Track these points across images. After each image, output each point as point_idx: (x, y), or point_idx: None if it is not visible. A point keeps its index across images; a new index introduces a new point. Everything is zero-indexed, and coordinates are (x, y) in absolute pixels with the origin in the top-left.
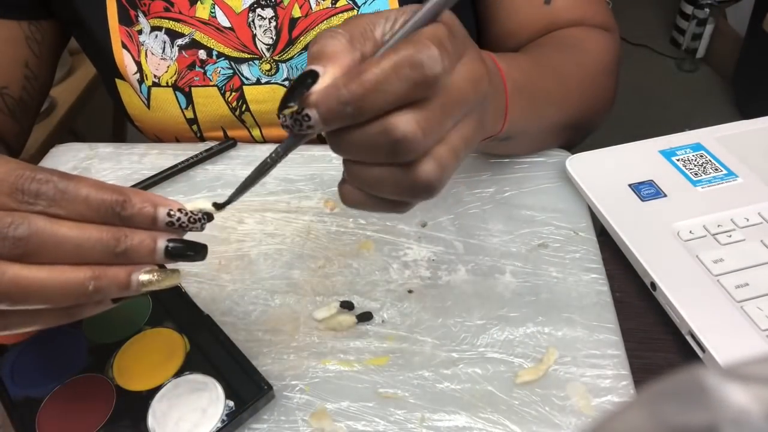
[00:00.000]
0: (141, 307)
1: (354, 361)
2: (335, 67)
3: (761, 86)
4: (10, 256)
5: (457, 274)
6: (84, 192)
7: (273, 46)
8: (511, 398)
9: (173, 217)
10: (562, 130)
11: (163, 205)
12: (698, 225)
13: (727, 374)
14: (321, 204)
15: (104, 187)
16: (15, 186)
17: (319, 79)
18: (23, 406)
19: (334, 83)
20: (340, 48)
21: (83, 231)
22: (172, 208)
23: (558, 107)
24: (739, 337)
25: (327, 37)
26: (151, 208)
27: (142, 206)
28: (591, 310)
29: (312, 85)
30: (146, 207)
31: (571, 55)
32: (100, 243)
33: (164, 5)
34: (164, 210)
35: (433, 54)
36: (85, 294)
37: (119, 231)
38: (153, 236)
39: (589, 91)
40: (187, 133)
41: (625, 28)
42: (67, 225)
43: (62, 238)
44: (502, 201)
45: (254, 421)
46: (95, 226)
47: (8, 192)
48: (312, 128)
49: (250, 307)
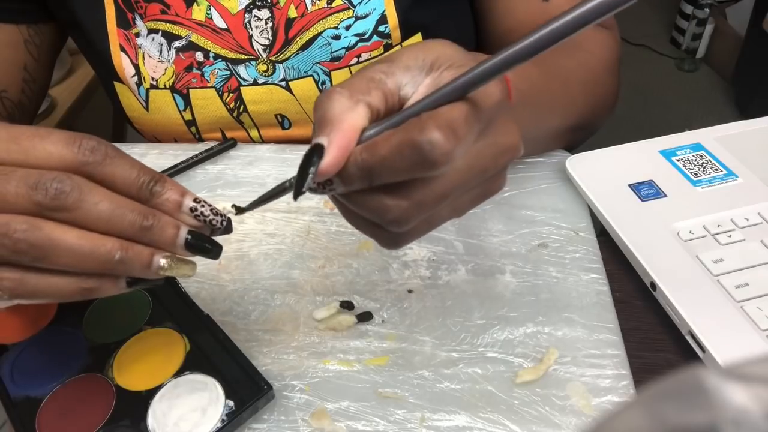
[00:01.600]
0: (141, 307)
1: (354, 360)
2: (338, 133)
3: (761, 86)
4: (48, 206)
5: (457, 274)
6: (129, 161)
7: (269, 47)
8: (511, 398)
9: (198, 203)
10: (567, 132)
11: (190, 194)
12: (698, 225)
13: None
14: (321, 204)
15: (144, 167)
16: (69, 141)
17: (325, 154)
18: (23, 406)
19: (351, 153)
20: (340, 109)
21: (116, 199)
22: (198, 198)
23: (562, 112)
24: (739, 337)
25: (327, 100)
26: (178, 195)
27: (173, 187)
28: (591, 310)
29: (319, 162)
30: (176, 189)
31: (575, 56)
32: (131, 214)
33: (161, 8)
34: (190, 198)
35: (434, 139)
36: (110, 262)
37: (149, 210)
38: (177, 224)
39: (593, 92)
40: (186, 135)
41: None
42: (104, 190)
43: (100, 198)
44: (502, 201)
45: (254, 421)
46: (128, 200)
47: (65, 145)
48: (334, 190)
49: (250, 307)
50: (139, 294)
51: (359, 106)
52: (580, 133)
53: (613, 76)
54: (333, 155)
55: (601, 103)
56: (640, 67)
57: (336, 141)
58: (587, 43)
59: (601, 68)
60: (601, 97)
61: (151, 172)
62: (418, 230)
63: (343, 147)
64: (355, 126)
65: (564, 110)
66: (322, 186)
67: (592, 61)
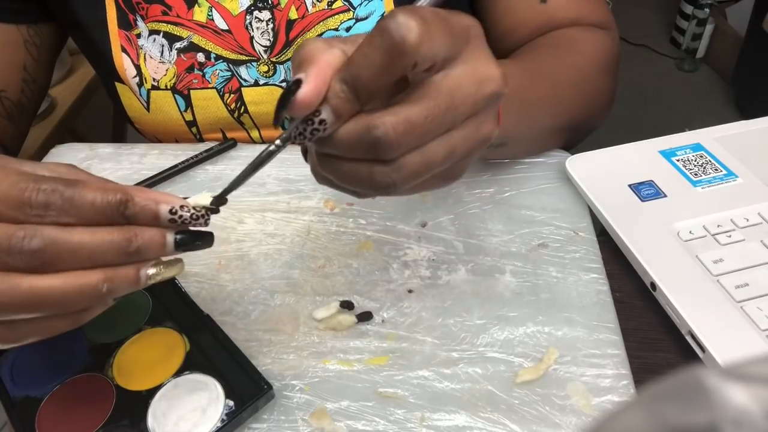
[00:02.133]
0: (141, 307)
1: (354, 360)
2: (315, 66)
3: (761, 86)
4: (27, 268)
5: (457, 273)
6: (90, 197)
7: (270, 48)
8: (511, 398)
9: (175, 214)
10: (559, 132)
11: (165, 202)
12: (698, 225)
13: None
14: (321, 204)
15: (107, 188)
16: (21, 200)
17: (303, 83)
18: (23, 405)
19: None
20: (316, 51)
21: (95, 235)
22: (174, 206)
23: (552, 111)
24: (739, 337)
25: (304, 45)
26: (153, 206)
27: (145, 204)
28: (591, 309)
29: (297, 89)
30: (149, 204)
31: (564, 58)
32: (112, 245)
33: (162, 9)
34: (166, 207)
35: (401, 21)
36: (99, 296)
37: (129, 231)
38: (161, 231)
39: (584, 93)
40: (187, 135)
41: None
42: (78, 231)
43: (76, 245)
44: (502, 201)
45: (254, 421)
46: (105, 229)
47: (15, 206)
48: (323, 129)
49: (250, 306)
50: (139, 294)
51: (334, 49)
52: (575, 133)
53: (606, 77)
54: (311, 83)
55: (594, 103)
56: (640, 67)
57: (313, 72)
58: (580, 45)
59: (593, 68)
60: (593, 97)
61: (118, 191)
62: (413, 166)
63: (320, 77)
64: (331, 62)
65: (554, 109)
66: (310, 123)
67: (582, 61)
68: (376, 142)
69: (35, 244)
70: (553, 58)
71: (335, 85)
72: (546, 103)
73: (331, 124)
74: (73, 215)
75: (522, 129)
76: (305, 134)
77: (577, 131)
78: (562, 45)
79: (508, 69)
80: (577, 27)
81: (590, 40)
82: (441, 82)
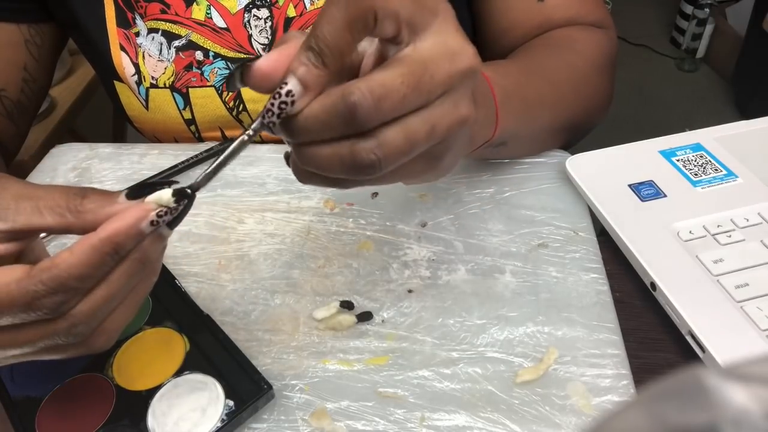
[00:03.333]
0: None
1: (354, 360)
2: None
3: (761, 86)
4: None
5: (457, 273)
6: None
7: (269, 46)
8: (511, 398)
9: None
10: (558, 132)
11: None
12: (698, 225)
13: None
14: (321, 204)
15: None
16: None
17: (263, 56)
18: (23, 406)
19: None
20: (292, 34)
21: (110, 288)
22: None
23: (551, 111)
24: (739, 337)
25: (283, 36)
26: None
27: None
28: (591, 309)
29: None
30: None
31: (561, 57)
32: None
33: (161, 7)
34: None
35: None
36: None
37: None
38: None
39: (582, 93)
40: (185, 134)
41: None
42: (97, 293)
43: (101, 304)
44: (502, 201)
45: (254, 421)
46: (117, 275)
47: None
48: (291, 93)
49: (250, 306)
50: None
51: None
52: (574, 132)
53: (604, 76)
54: (271, 55)
55: (593, 102)
56: (640, 67)
57: (277, 49)
58: (577, 44)
59: (590, 68)
60: (591, 96)
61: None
62: (396, 141)
63: (283, 52)
64: (300, 42)
65: (553, 108)
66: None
67: (579, 61)
68: (353, 109)
69: (77, 330)
70: (552, 58)
71: (300, 54)
72: (545, 102)
73: (299, 96)
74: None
75: (521, 128)
76: (273, 110)
77: (576, 130)
78: (560, 44)
79: (507, 68)
80: (574, 26)
81: (588, 40)
82: (413, 54)
